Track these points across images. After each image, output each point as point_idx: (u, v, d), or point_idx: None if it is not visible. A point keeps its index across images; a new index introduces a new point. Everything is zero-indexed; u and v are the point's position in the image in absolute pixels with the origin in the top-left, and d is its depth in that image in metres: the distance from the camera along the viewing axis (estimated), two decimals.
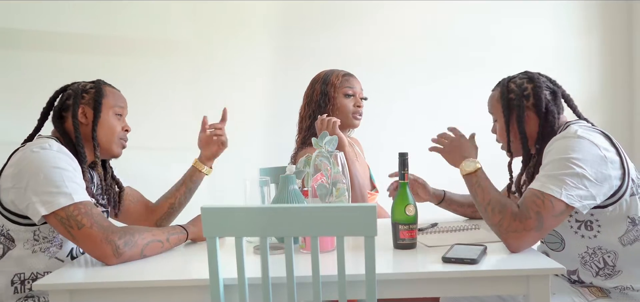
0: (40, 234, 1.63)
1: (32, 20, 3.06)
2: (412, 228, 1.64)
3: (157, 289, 1.44)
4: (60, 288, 1.42)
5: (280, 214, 1.30)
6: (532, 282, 1.42)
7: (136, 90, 3.06)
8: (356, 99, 2.34)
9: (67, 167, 1.58)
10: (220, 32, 3.13)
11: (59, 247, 1.66)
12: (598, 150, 1.53)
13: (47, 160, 1.56)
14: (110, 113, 1.77)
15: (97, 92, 1.75)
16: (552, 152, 1.56)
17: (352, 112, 2.34)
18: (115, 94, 1.82)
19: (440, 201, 2.07)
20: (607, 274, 1.61)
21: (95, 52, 3.07)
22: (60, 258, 1.66)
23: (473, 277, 1.43)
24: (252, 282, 1.37)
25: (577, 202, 1.49)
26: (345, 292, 1.31)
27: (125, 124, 1.84)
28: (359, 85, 2.38)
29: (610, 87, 3.16)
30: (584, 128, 1.60)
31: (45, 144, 1.61)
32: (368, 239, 1.28)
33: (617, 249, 1.59)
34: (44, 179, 1.53)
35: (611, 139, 1.61)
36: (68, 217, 1.52)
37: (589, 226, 1.60)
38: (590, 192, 1.50)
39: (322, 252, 1.60)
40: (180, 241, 1.74)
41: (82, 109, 1.74)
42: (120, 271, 1.50)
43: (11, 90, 3.03)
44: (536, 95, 1.68)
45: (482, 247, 1.55)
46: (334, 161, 1.70)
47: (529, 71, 1.76)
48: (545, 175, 1.54)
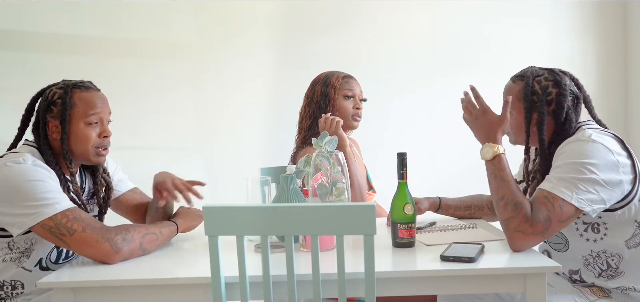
0: (14, 244, 1.61)
1: (36, 23, 3.05)
2: (411, 227, 1.63)
3: (159, 287, 1.44)
4: (64, 286, 1.42)
5: (281, 213, 1.30)
6: (529, 281, 1.41)
7: (139, 91, 3.08)
8: (356, 101, 2.35)
9: (44, 179, 1.54)
10: (221, 34, 3.13)
11: (28, 257, 1.64)
12: (611, 155, 1.51)
13: (22, 174, 1.52)
14: (80, 124, 1.66)
15: (63, 104, 1.64)
16: (566, 154, 1.54)
17: (352, 113, 2.34)
18: (87, 100, 1.67)
19: (437, 208, 2.04)
20: (610, 275, 1.60)
21: (99, 54, 3.07)
22: (27, 268, 1.64)
23: (471, 276, 1.43)
24: (253, 280, 1.37)
25: (587, 206, 1.48)
26: (344, 290, 1.31)
27: (104, 129, 1.71)
28: (358, 87, 2.38)
29: (605, 88, 3.16)
30: (598, 132, 1.57)
31: (19, 159, 1.55)
32: (367, 238, 1.28)
33: (622, 253, 1.58)
34: (23, 194, 1.49)
35: (623, 142, 1.59)
36: (57, 226, 1.49)
37: (596, 229, 1.59)
38: (601, 197, 1.49)
39: (322, 250, 1.60)
40: (172, 233, 1.73)
41: (50, 123, 1.65)
42: (123, 270, 1.49)
43: (15, 92, 3.01)
44: (559, 103, 1.64)
45: (480, 246, 1.55)
46: (333, 160, 1.70)
47: (555, 72, 1.69)
48: (557, 177, 1.52)
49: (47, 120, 1.65)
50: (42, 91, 1.72)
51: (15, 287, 1.63)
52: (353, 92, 2.35)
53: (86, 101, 1.67)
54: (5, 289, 1.63)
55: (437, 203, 2.02)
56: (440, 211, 2.03)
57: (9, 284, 1.62)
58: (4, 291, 1.63)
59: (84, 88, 1.70)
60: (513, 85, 1.73)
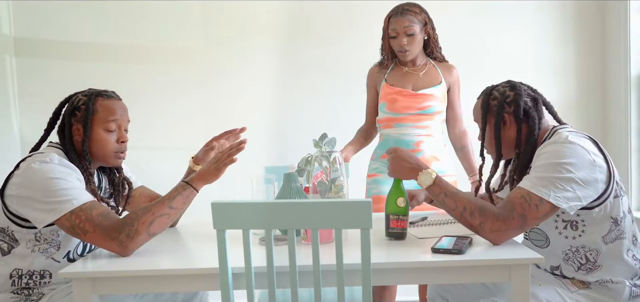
0: (41, 236, 1.62)
1: (58, 31, 3.06)
2: (402, 219, 1.64)
3: (171, 276, 1.44)
4: (83, 276, 1.42)
5: (284, 208, 1.30)
6: (514, 271, 1.42)
7: (151, 95, 3.08)
8: (400, 39, 2.33)
9: (67, 177, 1.56)
10: (229, 41, 3.12)
11: (57, 249, 1.65)
12: (588, 155, 1.51)
13: (47, 172, 1.54)
14: (100, 129, 1.69)
15: (86, 110, 1.67)
16: (544, 156, 1.54)
17: (398, 50, 2.37)
18: (108, 107, 1.70)
19: (432, 201, 2.04)
20: (589, 269, 1.59)
21: (115, 60, 3.07)
22: (56, 259, 1.66)
23: (459, 267, 1.43)
24: (258, 270, 1.37)
25: (564, 203, 1.48)
26: (343, 280, 1.31)
27: (122, 135, 1.74)
28: (401, 24, 2.32)
29: (585, 95, 3.16)
30: (574, 134, 1.57)
31: (46, 158, 1.58)
32: (364, 231, 1.28)
33: (600, 247, 1.57)
34: (46, 191, 1.52)
35: (598, 143, 1.59)
36: (73, 227, 1.51)
37: (575, 226, 1.59)
38: (577, 194, 1.49)
39: (322, 243, 1.60)
40: (189, 198, 1.62)
41: (75, 127, 1.69)
42: (138, 261, 1.49)
43: (38, 96, 3.03)
44: (516, 102, 1.64)
45: (468, 239, 1.55)
46: (332, 160, 1.70)
47: (512, 80, 1.72)
48: (536, 176, 1.51)
49: (71, 123, 1.69)
50: (69, 97, 1.75)
51: (44, 276, 1.65)
52: (396, 32, 2.33)
53: (107, 108, 1.70)
54: (35, 278, 1.64)
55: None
56: (435, 203, 2.03)
57: (38, 274, 1.64)
58: (33, 280, 1.64)
59: (107, 97, 1.73)
60: (476, 103, 1.76)
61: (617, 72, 3.00)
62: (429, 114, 2.37)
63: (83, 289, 1.42)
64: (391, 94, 2.38)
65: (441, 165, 2.38)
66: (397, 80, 2.40)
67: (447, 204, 1.59)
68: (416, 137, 2.36)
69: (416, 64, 2.42)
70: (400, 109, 2.37)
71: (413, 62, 2.42)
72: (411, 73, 2.40)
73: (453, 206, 1.57)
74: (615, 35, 3.01)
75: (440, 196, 1.60)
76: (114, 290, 1.45)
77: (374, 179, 2.44)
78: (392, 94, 2.37)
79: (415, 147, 2.36)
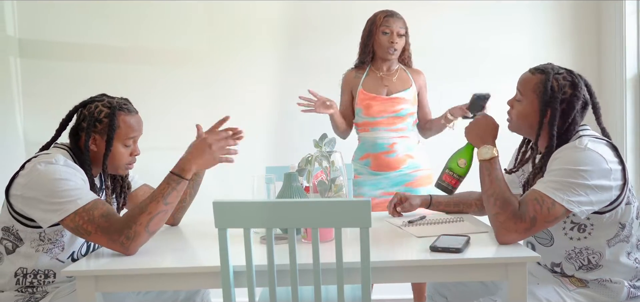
0: (45, 235, 1.62)
1: (62, 33, 3.06)
2: (456, 178, 1.73)
3: (173, 275, 1.44)
4: (86, 274, 1.42)
5: (284, 207, 1.31)
6: (511, 269, 1.42)
7: (154, 95, 3.08)
8: (392, 36, 2.45)
9: (71, 177, 1.56)
10: (230, 42, 3.12)
11: (61, 250, 1.65)
12: (605, 163, 1.49)
13: (52, 173, 1.54)
14: (119, 144, 1.68)
15: (110, 125, 1.65)
16: (561, 160, 1.52)
17: (386, 47, 2.45)
18: (129, 123, 1.69)
19: (428, 205, 2.03)
20: (589, 269, 1.58)
21: (119, 61, 3.07)
22: (61, 259, 1.66)
23: (457, 265, 1.43)
24: (259, 269, 1.37)
25: (577, 207, 1.47)
26: (342, 278, 1.31)
27: (135, 149, 1.75)
28: (398, 23, 2.47)
29: None
30: (593, 141, 1.54)
31: (51, 159, 1.58)
32: (363, 230, 1.28)
33: (603, 250, 1.57)
34: (51, 192, 1.52)
35: (617, 149, 1.56)
36: (77, 227, 1.52)
37: (582, 229, 1.58)
38: (590, 199, 1.48)
39: (322, 242, 1.60)
40: (182, 189, 1.62)
41: (93, 138, 1.67)
42: (140, 259, 1.50)
43: (42, 97, 3.03)
44: (570, 103, 1.59)
45: (466, 238, 1.55)
46: (332, 160, 1.70)
47: (574, 74, 1.62)
48: (551, 180, 1.50)
49: (90, 134, 1.66)
50: (84, 103, 1.72)
51: (48, 275, 1.65)
52: (390, 29, 2.45)
53: (129, 125, 1.69)
54: (39, 277, 1.64)
55: (428, 200, 2.01)
56: (432, 208, 2.02)
57: (42, 273, 1.64)
58: (37, 279, 1.64)
59: (128, 111, 1.71)
60: (531, 77, 1.64)
61: (613, 73, 3.00)
62: (402, 116, 2.50)
63: (86, 286, 1.42)
64: (366, 99, 2.50)
65: (415, 161, 2.51)
66: (371, 86, 2.52)
67: (485, 183, 1.61)
68: (390, 139, 2.49)
69: (391, 69, 2.55)
70: (375, 113, 2.49)
71: (388, 67, 2.55)
72: (385, 77, 2.53)
73: (488, 187, 1.59)
74: (611, 37, 3.01)
75: (485, 172, 1.61)
76: (117, 288, 1.45)
77: (355, 180, 2.52)
78: (367, 99, 2.50)
79: (390, 148, 2.48)
